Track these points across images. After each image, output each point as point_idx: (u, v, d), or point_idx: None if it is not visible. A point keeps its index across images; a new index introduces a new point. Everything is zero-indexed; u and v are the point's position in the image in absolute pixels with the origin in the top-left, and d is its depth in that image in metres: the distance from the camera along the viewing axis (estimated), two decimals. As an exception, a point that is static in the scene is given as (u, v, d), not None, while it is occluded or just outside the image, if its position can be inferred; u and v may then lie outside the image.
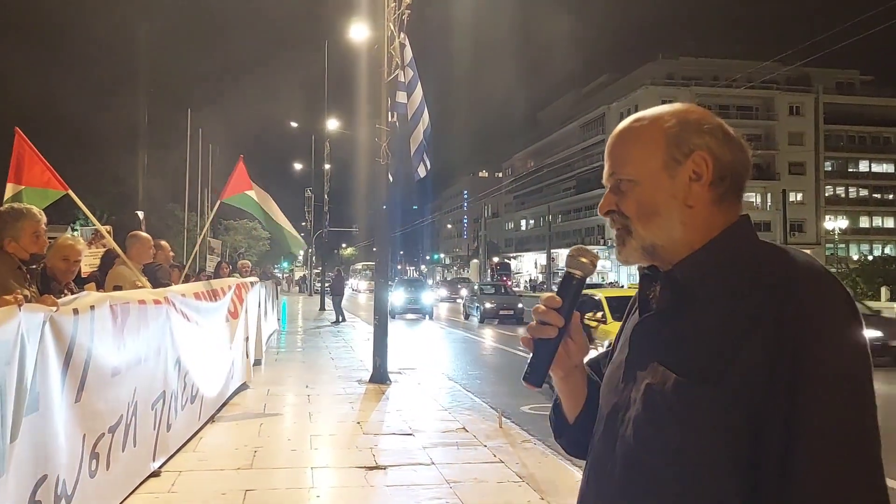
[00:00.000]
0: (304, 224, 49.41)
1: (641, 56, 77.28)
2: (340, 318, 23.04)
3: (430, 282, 67.62)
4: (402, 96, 9.71)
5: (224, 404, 7.99)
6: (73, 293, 4.03)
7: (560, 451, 1.37)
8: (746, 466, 1.01)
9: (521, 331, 1.28)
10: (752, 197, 69.65)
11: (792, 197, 62.85)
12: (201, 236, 10.79)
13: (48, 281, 4.02)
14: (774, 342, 1.00)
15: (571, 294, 1.26)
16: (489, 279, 51.03)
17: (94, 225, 7.62)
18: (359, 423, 7.51)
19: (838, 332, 1.01)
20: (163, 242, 7.32)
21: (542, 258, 78.02)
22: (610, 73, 79.86)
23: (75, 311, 3.52)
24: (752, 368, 1.00)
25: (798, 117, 68.93)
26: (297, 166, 50.55)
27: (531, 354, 1.26)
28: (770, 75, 53.13)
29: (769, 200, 67.98)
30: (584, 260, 1.27)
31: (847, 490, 0.96)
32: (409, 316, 28.46)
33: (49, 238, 4.05)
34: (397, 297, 26.86)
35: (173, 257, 9.00)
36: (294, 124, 41.01)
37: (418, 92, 9.67)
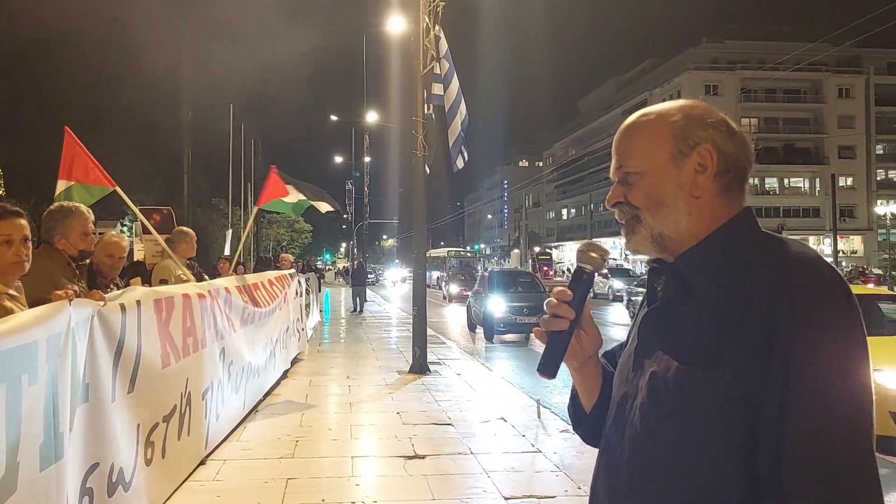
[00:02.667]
0: (346, 216, 49.92)
1: (684, 40, 75.76)
2: (360, 308, 23.12)
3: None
4: (438, 88, 9.75)
5: (267, 395, 8.18)
6: (119, 288, 4.18)
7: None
8: (745, 451, 1.04)
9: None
10: (799, 182, 67.98)
11: (842, 182, 61.18)
12: (245, 234, 11.01)
13: (95, 276, 4.18)
14: (767, 330, 1.03)
15: (582, 287, 1.32)
16: (530, 269, 49.73)
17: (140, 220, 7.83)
18: (398, 413, 7.61)
19: (829, 320, 1.03)
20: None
21: (583, 247, 77.08)
22: (652, 58, 78.53)
23: (122, 306, 3.66)
24: (747, 355, 1.04)
25: (848, 100, 66.82)
26: (338, 160, 51.03)
27: (545, 346, 1.31)
28: (818, 57, 51.62)
29: (818, 185, 66.24)
30: (594, 255, 1.34)
31: (834, 477, 0.98)
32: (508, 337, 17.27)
33: (98, 233, 4.21)
34: (496, 304, 16.37)
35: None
36: (334, 118, 41.37)
37: (455, 84, 9.69)
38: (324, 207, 8.84)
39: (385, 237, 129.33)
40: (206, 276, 7.06)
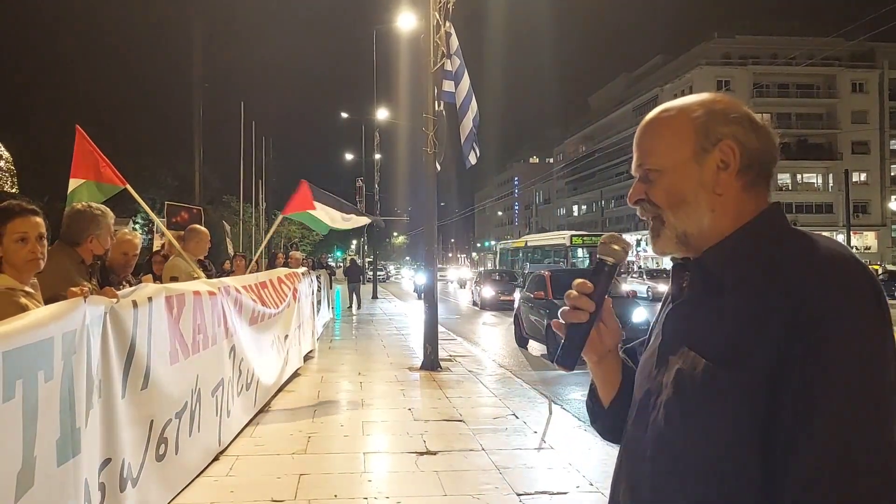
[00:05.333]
0: (383, 226, 50.18)
1: (696, 36, 75.13)
2: (356, 305, 23.53)
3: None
4: (449, 85, 9.74)
5: (279, 391, 8.21)
6: (130, 285, 4.21)
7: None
8: (769, 452, 1.03)
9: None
10: (812, 178, 67.49)
11: (855, 177, 60.71)
12: (267, 238, 11.11)
13: (107, 274, 4.21)
14: (794, 328, 1.02)
15: (603, 280, 1.30)
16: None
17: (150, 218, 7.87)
18: (409, 409, 7.62)
19: (856, 319, 1.01)
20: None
21: (594, 244, 77.09)
22: (663, 54, 78.12)
23: (134, 303, 3.68)
24: (772, 353, 1.03)
25: (862, 94, 66.23)
26: (349, 157, 51.10)
27: (563, 338, 1.29)
28: (831, 51, 51.17)
29: (831, 181, 65.71)
30: (616, 247, 1.31)
31: (856, 476, 0.97)
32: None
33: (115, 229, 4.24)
34: None
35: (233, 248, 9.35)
36: (344, 115, 41.40)
37: (465, 81, 9.68)
38: (357, 222, 9.04)
39: (395, 234, 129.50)
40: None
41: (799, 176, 67.57)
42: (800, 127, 66.54)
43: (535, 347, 14.05)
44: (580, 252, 31.52)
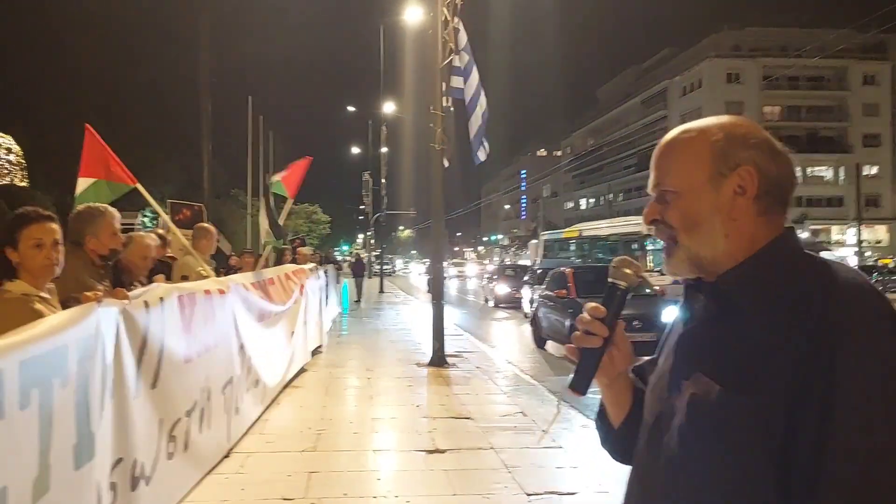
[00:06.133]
0: (362, 207, 50.08)
1: (705, 28, 74.73)
2: (362, 299, 25.02)
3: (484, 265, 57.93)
4: (457, 81, 9.72)
5: (288, 386, 8.25)
6: (142, 285, 4.23)
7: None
8: (786, 478, 1.02)
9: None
10: (823, 171, 67.05)
11: (866, 170, 60.30)
12: (282, 221, 11.11)
13: (120, 274, 4.23)
14: (809, 357, 1.01)
15: (615, 304, 1.30)
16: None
17: (160, 216, 7.89)
18: (418, 406, 7.64)
19: (873, 349, 1.01)
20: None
21: (602, 238, 76.83)
22: (672, 46, 77.69)
23: (146, 304, 3.70)
24: (788, 382, 1.02)
25: (873, 87, 65.66)
26: (355, 150, 51.12)
27: (576, 363, 1.30)
28: (842, 43, 50.73)
29: (842, 174, 65.23)
30: (627, 271, 1.32)
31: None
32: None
33: (123, 223, 4.25)
34: None
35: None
36: (351, 109, 41.41)
37: (475, 76, 9.66)
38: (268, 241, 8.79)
39: (402, 228, 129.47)
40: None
41: (809, 169, 67.11)
42: (810, 120, 66.09)
43: (552, 347, 13.43)
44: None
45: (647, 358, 1.43)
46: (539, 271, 20.53)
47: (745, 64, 64.44)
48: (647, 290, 12.80)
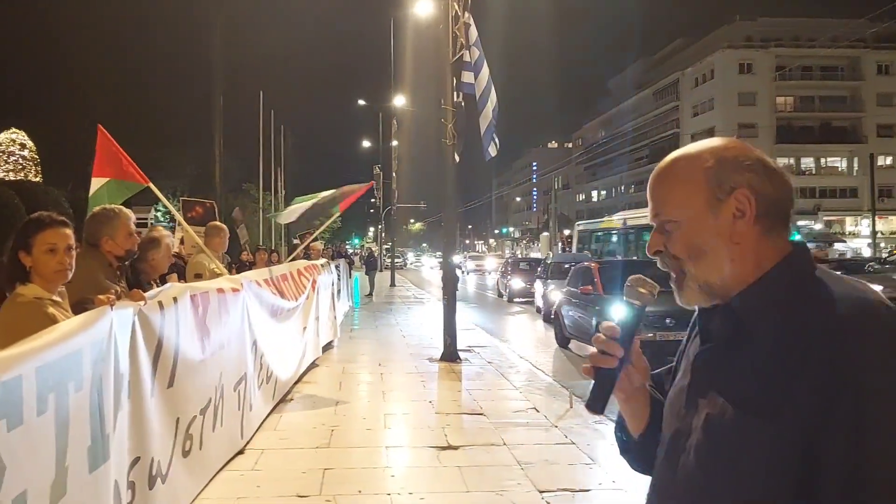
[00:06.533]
0: (373, 200, 50.13)
1: (717, 18, 74.13)
2: (373, 293, 25.44)
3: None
4: (468, 76, 9.69)
5: (301, 381, 8.30)
6: (157, 286, 4.26)
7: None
8: (805, 500, 1.02)
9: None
10: (836, 162, 66.51)
11: (881, 161, 59.65)
12: (318, 231, 11.30)
13: (137, 274, 4.26)
14: (831, 378, 1.01)
15: (630, 323, 1.31)
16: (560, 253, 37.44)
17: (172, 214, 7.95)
18: (430, 402, 7.66)
19: (894, 371, 1.00)
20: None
21: (614, 230, 76.57)
22: (683, 37, 77.14)
23: (160, 304, 3.72)
24: (806, 407, 1.02)
25: (887, 77, 64.89)
26: (366, 144, 51.14)
27: (593, 382, 1.31)
28: (855, 33, 50.19)
29: (856, 165, 64.64)
30: (642, 290, 1.32)
31: None
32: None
33: (138, 219, 4.29)
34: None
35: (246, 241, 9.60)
36: (362, 102, 41.40)
37: (485, 71, 9.63)
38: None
39: (412, 221, 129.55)
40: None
41: (823, 160, 66.62)
42: (823, 110, 65.50)
43: (576, 346, 12.79)
44: None
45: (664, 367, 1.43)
46: (552, 264, 20.25)
47: (757, 54, 63.90)
48: None
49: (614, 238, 26.72)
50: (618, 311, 1.33)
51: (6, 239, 2.96)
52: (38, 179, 27.74)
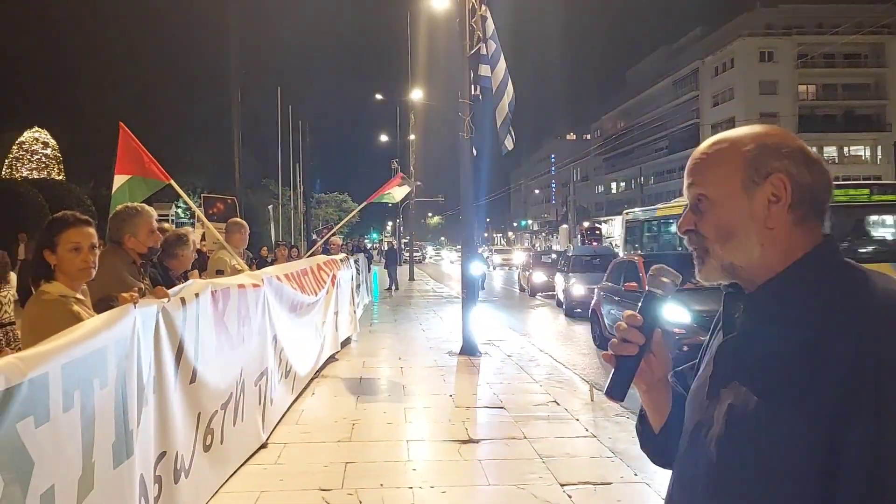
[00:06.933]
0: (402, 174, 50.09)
1: (737, 6, 73.01)
2: (394, 286, 25.50)
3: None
4: (485, 70, 9.66)
5: (321, 377, 8.35)
6: (179, 282, 4.30)
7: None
8: (827, 490, 1.01)
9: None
10: (860, 150, 65.54)
11: (906, 149, 58.70)
12: (342, 223, 11.52)
13: (166, 270, 4.31)
14: (855, 371, 1.00)
15: (652, 312, 1.32)
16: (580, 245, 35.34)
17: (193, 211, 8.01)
18: (451, 396, 7.67)
19: None
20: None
21: (633, 221, 76.13)
22: (703, 26, 76.24)
23: (183, 301, 3.76)
24: (832, 395, 1.01)
25: (912, 63, 63.74)
26: (384, 138, 51.17)
27: (614, 369, 1.31)
28: (879, 19, 49.31)
29: (879, 153, 63.61)
30: (665, 280, 1.34)
31: None
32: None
33: (160, 216, 4.33)
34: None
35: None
36: (379, 97, 41.43)
37: (502, 65, 9.59)
38: (399, 193, 10.45)
39: (430, 214, 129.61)
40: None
41: (846, 148, 65.63)
42: (846, 98, 64.50)
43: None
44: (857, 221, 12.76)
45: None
46: (573, 257, 19.69)
47: (778, 42, 63.00)
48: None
49: (674, 228, 19.05)
50: (668, 311, 1.33)
51: (32, 236, 3.01)
52: (60, 177, 28.11)
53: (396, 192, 10.34)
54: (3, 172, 26.82)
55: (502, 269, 47.58)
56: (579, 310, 16.54)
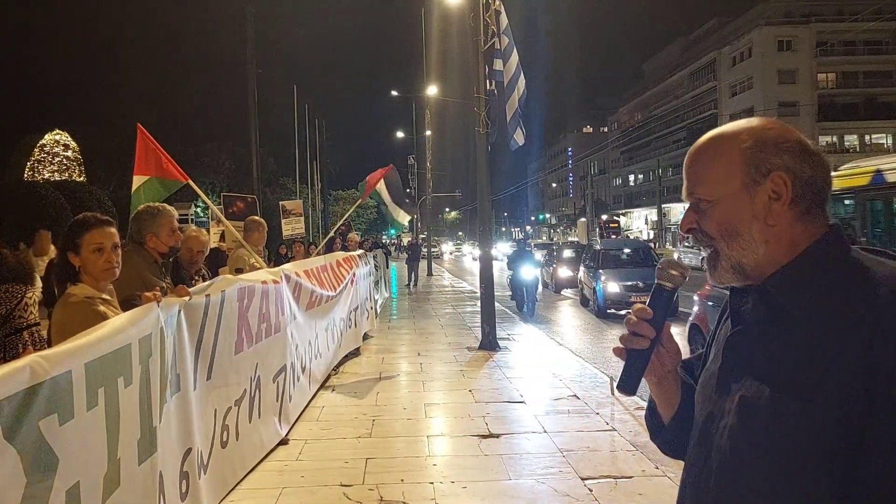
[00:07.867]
0: (408, 191, 50.22)
1: (753, -5, 72.11)
2: (414, 282, 25.81)
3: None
4: (499, 64, 9.64)
5: (341, 373, 8.39)
6: (204, 279, 4.34)
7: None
8: (842, 482, 1.01)
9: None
10: (882, 139, 64.55)
11: (929, 136, 57.77)
12: (339, 223, 11.53)
13: (179, 270, 4.35)
14: (869, 360, 0.99)
15: (662, 305, 1.32)
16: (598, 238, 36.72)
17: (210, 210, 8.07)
18: (470, 390, 7.67)
19: None
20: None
21: (653, 214, 75.73)
22: (720, 16, 75.46)
23: (208, 297, 3.80)
24: (845, 388, 1.01)
25: (936, 48, 62.66)
26: (400, 134, 51.22)
27: (625, 363, 1.32)
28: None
29: (902, 141, 62.68)
30: (674, 272, 1.34)
31: None
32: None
33: (179, 215, 4.38)
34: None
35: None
36: (395, 93, 41.47)
37: (514, 59, 9.56)
38: (403, 217, 10.80)
39: (448, 209, 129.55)
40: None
41: (867, 137, 64.70)
42: (868, 85, 63.56)
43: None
44: None
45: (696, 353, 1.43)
46: (601, 251, 18.41)
47: (797, 31, 62.21)
48: None
49: (848, 204, 12.22)
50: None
51: (56, 237, 3.06)
52: (81, 179, 28.43)
53: (402, 216, 10.93)
54: (26, 175, 27.19)
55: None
56: (613, 310, 15.61)
